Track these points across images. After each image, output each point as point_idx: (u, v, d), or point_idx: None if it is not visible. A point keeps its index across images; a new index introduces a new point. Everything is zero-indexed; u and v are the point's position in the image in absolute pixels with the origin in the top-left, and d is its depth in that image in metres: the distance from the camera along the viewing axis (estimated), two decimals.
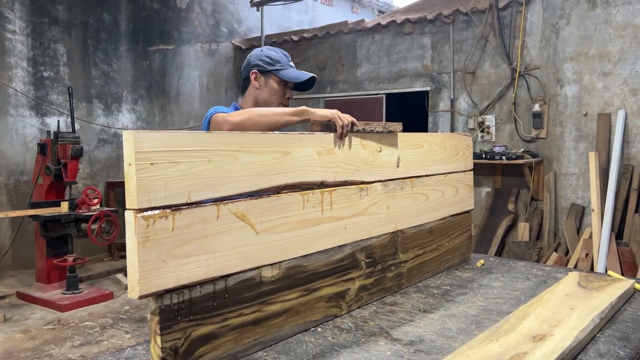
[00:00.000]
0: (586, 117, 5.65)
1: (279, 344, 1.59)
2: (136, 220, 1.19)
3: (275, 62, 2.23)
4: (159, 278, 1.24)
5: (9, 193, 6.17)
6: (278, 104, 2.25)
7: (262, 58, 2.24)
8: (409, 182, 2.17)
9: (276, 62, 2.23)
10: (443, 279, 2.34)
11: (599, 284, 2.06)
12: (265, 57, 2.24)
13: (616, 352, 1.53)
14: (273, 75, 2.23)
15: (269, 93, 2.24)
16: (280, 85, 2.24)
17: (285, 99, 2.28)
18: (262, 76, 2.24)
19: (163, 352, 1.27)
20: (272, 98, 2.24)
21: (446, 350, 1.53)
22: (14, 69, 6.15)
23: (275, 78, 2.23)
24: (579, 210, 5.67)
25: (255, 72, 2.24)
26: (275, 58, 2.24)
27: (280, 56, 2.26)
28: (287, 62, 2.27)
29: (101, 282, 6.02)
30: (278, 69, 2.23)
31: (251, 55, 2.29)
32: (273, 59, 2.24)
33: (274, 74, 2.23)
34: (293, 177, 1.62)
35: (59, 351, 4.07)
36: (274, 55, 2.25)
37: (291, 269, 1.62)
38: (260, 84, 2.25)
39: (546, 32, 5.88)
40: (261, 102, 2.24)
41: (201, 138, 1.35)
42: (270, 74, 2.23)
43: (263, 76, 2.24)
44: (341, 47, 7.53)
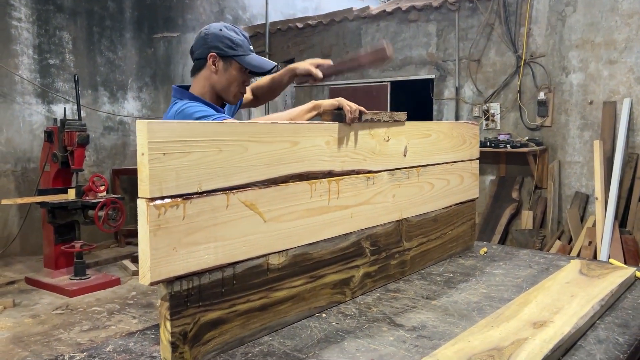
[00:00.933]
0: (591, 106, 5.63)
1: (284, 329, 1.63)
2: (148, 209, 1.22)
3: (237, 47, 1.97)
4: (169, 265, 1.28)
5: (17, 180, 6.22)
6: (237, 92, 2.04)
7: (223, 40, 1.97)
8: (415, 171, 2.19)
9: (238, 47, 1.98)
10: (446, 266, 2.37)
11: (600, 272, 2.09)
12: (227, 39, 1.97)
13: (615, 339, 1.56)
14: (234, 61, 1.98)
15: (228, 80, 2.00)
16: (241, 72, 2.01)
17: (243, 87, 2.06)
18: (222, 61, 1.98)
19: (172, 337, 1.31)
20: (231, 86, 2.01)
21: (448, 336, 1.56)
22: (20, 56, 6.17)
23: (237, 65, 1.98)
24: (583, 198, 5.68)
25: (213, 56, 1.97)
26: (237, 41, 1.98)
27: (242, 39, 2.01)
28: (248, 46, 2.02)
29: (108, 268, 6.09)
30: (240, 54, 1.98)
31: (208, 34, 1.99)
32: (235, 41, 1.97)
33: (235, 60, 1.98)
34: (301, 167, 1.64)
35: (68, 335, 4.14)
36: (235, 38, 1.98)
37: (297, 256, 1.66)
38: (218, 69, 1.99)
39: (552, 19, 5.85)
40: (218, 89, 2.02)
41: (212, 128, 1.38)
42: (231, 60, 1.97)
43: (222, 61, 1.98)
44: (346, 35, 7.51)
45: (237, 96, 2.07)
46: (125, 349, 1.51)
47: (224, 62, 1.98)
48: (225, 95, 2.05)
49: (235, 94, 2.05)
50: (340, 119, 1.81)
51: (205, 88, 2.03)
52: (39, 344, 3.99)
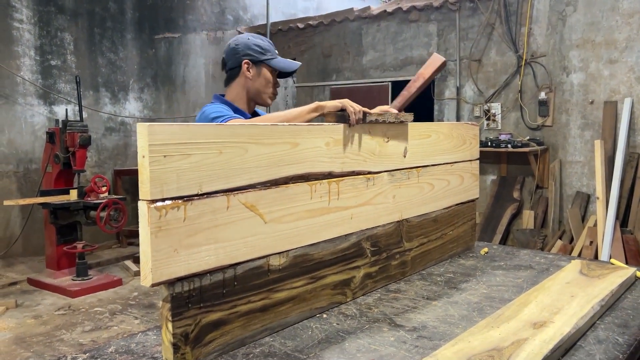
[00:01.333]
0: (592, 105, 5.63)
1: (285, 329, 1.63)
2: (149, 210, 1.23)
3: (266, 52, 2.16)
4: (170, 267, 1.28)
5: (19, 181, 6.24)
6: (270, 93, 2.21)
7: (252, 47, 2.15)
8: (415, 171, 2.20)
9: (266, 51, 2.17)
10: (447, 266, 2.38)
11: (601, 272, 2.09)
12: (255, 45, 2.16)
13: (615, 339, 1.56)
14: (265, 65, 2.16)
15: (262, 83, 2.18)
16: (272, 75, 2.19)
17: (275, 89, 2.24)
18: (254, 66, 2.16)
19: (174, 338, 1.32)
20: (265, 88, 2.19)
21: (448, 337, 1.57)
22: (22, 57, 6.18)
23: (268, 68, 2.17)
24: (584, 198, 5.68)
25: (247, 62, 2.15)
26: (265, 47, 2.17)
27: (268, 45, 2.19)
28: (274, 50, 2.21)
29: (110, 269, 6.10)
30: (269, 58, 2.17)
31: (238, 43, 2.18)
32: (263, 47, 2.16)
33: (266, 64, 2.16)
34: (301, 168, 1.65)
35: (70, 336, 4.15)
36: (262, 44, 2.17)
37: (298, 257, 1.66)
38: (252, 75, 2.17)
39: (553, 19, 5.85)
40: (253, 92, 2.19)
41: (213, 130, 1.38)
42: (262, 64, 2.16)
43: (255, 66, 2.16)
44: (347, 35, 7.52)
45: (271, 97, 2.24)
46: (127, 349, 1.52)
47: (256, 67, 2.17)
48: (261, 98, 2.22)
49: (270, 95, 2.22)
50: (344, 120, 1.82)
51: (239, 94, 2.20)
52: (42, 344, 4.00)
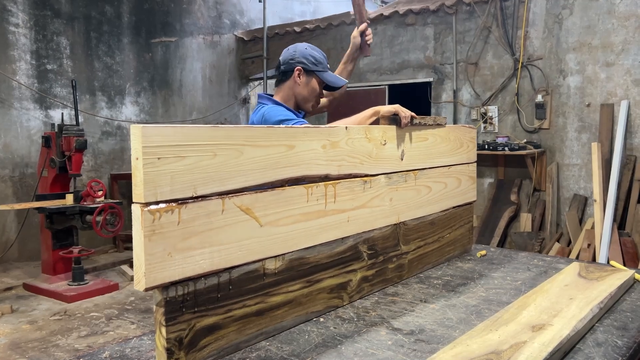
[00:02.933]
0: (589, 108, 5.64)
1: (281, 333, 1.62)
2: (143, 213, 1.21)
3: (318, 63, 2.32)
4: (164, 270, 1.27)
5: (14, 186, 6.21)
6: (314, 102, 2.37)
7: (308, 57, 2.31)
8: (412, 174, 2.19)
9: (319, 64, 2.32)
10: (444, 269, 2.36)
11: (599, 275, 2.08)
12: (311, 56, 2.32)
13: (614, 342, 1.55)
14: (316, 75, 2.32)
15: (309, 92, 2.33)
16: (320, 85, 2.34)
17: (319, 98, 2.39)
18: (305, 75, 2.31)
19: (168, 343, 1.30)
20: (310, 96, 2.34)
21: (446, 340, 1.55)
22: (18, 62, 6.17)
23: (318, 79, 2.33)
24: (582, 201, 5.68)
25: (299, 69, 2.30)
26: (318, 59, 2.33)
27: (322, 58, 2.35)
28: (326, 64, 2.37)
29: (106, 274, 6.07)
30: (321, 70, 2.32)
31: (296, 51, 2.34)
32: (317, 59, 2.32)
33: (316, 75, 2.32)
34: (297, 171, 1.64)
35: (66, 341, 4.12)
36: (317, 56, 2.33)
37: (294, 260, 1.65)
38: (302, 82, 2.32)
39: (549, 22, 5.86)
40: (299, 99, 2.34)
41: (207, 132, 1.37)
42: (313, 74, 2.31)
43: (306, 75, 2.31)
44: (343, 38, 7.51)
45: (314, 106, 2.40)
46: (121, 354, 1.51)
47: (307, 75, 2.32)
48: (304, 104, 2.37)
49: (313, 104, 2.39)
50: (396, 122, 2.07)
51: (289, 96, 2.35)
52: (37, 350, 3.97)
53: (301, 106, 2.40)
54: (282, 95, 2.36)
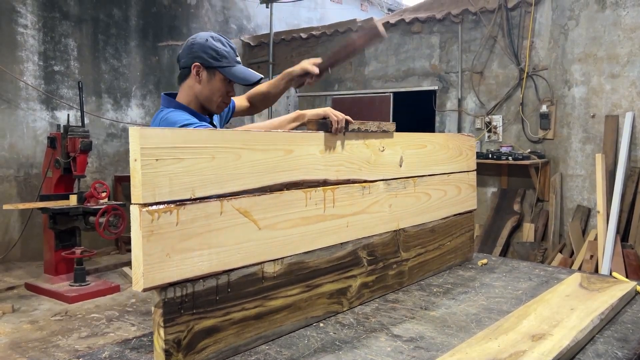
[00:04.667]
0: (594, 119, 5.63)
1: (281, 338, 1.61)
2: (141, 214, 1.21)
3: (221, 58, 1.98)
4: (163, 271, 1.27)
5: (19, 186, 6.24)
6: (220, 102, 2.04)
7: (207, 51, 1.97)
8: (411, 181, 2.19)
9: (222, 58, 1.98)
10: (445, 277, 2.36)
11: (601, 286, 2.07)
12: (212, 49, 1.97)
13: (614, 353, 1.54)
14: (218, 72, 1.98)
15: (211, 91, 2.00)
16: (224, 83, 2.01)
17: (227, 97, 2.07)
18: (205, 71, 1.98)
19: (166, 344, 1.30)
20: (214, 96, 2.01)
21: (446, 348, 1.55)
22: (25, 62, 6.21)
23: (220, 75, 1.99)
24: (585, 212, 5.66)
25: (197, 66, 1.98)
26: (222, 52, 1.98)
27: (228, 50, 2.00)
28: (234, 57, 2.02)
29: (108, 275, 6.08)
30: (224, 65, 1.98)
31: (194, 43, 2.00)
32: (220, 53, 1.98)
33: (219, 71, 1.98)
34: (296, 175, 1.64)
35: (66, 342, 4.12)
36: (220, 49, 1.98)
37: (293, 265, 1.65)
38: (202, 79, 1.99)
39: (555, 33, 5.86)
40: (201, 99, 2.02)
41: (205, 135, 1.37)
42: (215, 70, 1.98)
43: (206, 71, 1.98)
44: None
45: (220, 106, 2.07)
46: (121, 355, 1.51)
47: (208, 72, 1.99)
48: (209, 105, 2.04)
49: (219, 105, 2.05)
50: (326, 128, 1.79)
51: (190, 97, 2.03)
52: (37, 350, 3.97)
53: (207, 107, 2.06)
54: (184, 96, 2.04)
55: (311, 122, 1.81)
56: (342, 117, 1.81)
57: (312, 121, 1.81)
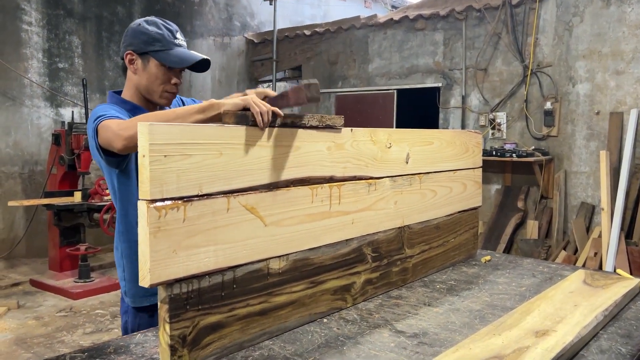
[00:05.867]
0: (598, 116, 5.62)
1: (285, 333, 1.62)
2: (148, 210, 1.22)
3: (154, 41, 1.80)
4: (169, 267, 1.27)
5: (24, 182, 6.26)
6: (162, 91, 1.86)
7: (139, 36, 1.80)
8: (417, 178, 2.19)
9: (155, 41, 1.80)
10: (449, 274, 2.36)
11: (605, 282, 2.07)
12: (142, 34, 1.80)
13: (618, 349, 1.54)
14: (152, 57, 1.81)
15: (149, 80, 1.83)
16: (162, 70, 1.82)
17: (170, 85, 1.87)
18: (139, 58, 1.82)
19: (171, 340, 1.30)
20: (153, 85, 1.84)
21: (449, 343, 1.55)
22: (30, 60, 6.23)
23: (154, 61, 1.81)
24: (589, 209, 5.65)
25: (129, 53, 1.82)
26: (154, 35, 1.80)
27: (163, 32, 1.82)
28: (170, 39, 1.83)
29: (112, 272, 6.10)
30: (158, 49, 1.80)
31: (128, 30, 1.85)
32: (152, 36, 1.80)
33: (152, 57, 1.81)
34: (302, 172, 1.64)
35: (71, 338, 4.15)
36: (152, 32, 1.80)
37: (298, 261, 1.65)
38: (137, 68, 1.83)
39: (559, 29, 5.84)
40: (142, 89, 1.86)
41: (213, 131, 1.38)
42: (148, 56, 1.81)
43: (140, 58, 1.82)
44: (353, 42, 7.53)
45: (163, 97, 1.88)
46: (126, 350, 1.51)
47: (142, 59, 1.83)
48: (151, 97, 1.88)
49: (161, 94, 1.87)
50: (246, 121, 1.47)
51: (132, 90, 1.89)
52: (42, 345, 4.00)
53: (151, 99, 1.89)
54: (127, 89, 1.89)
55: (228, 114, 1.50)
56: (266, 109, 1.49)
57: (229, 113, 1.50)
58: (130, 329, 1.94)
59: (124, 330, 2.01)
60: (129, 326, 1.97)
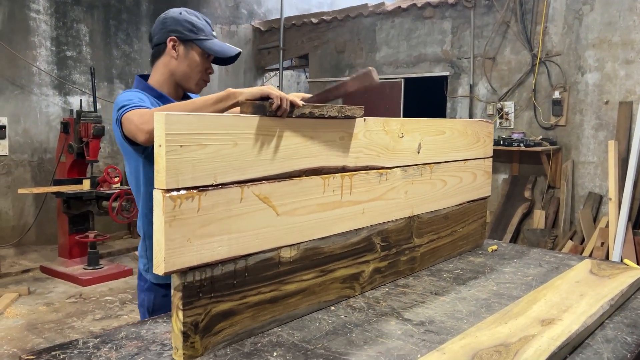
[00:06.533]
0: (607, 106, 5.59)
1: (293, 321, 1.65)
2: (164, 199, 1.24)
3: (198, 31, 1.90)
4: (183, 256, 1.30)
5: (33, 170, 6.32)
6: (199, 79, 1.96)
7: (183, 24, 1.89)
8: (428, 167, 2.20)
9: (199, 31, 1.90)
10: (456, 263, 2.38)
11: (611, 272, 2.09)
12: (187, 22, 1.89)
13: (624, 338, 1.56)
14: (195, 45, 1.90)
15: (189, 66, 1.91)
16: (203, 58, 1.92)
17: (206, 74, 1.97)
18: (182, 45, 1.89)
19: (184, 327, 1.33)
20: (192, 72, 1.92)
21: (455, 332, 1.57)
22: (38, 48, 6.25)
23: (198, 49, 1.90)
24: (596, 199, 5.64)
25: (173, 39, 1.89)
26: (198, 25, 1.90)
27: (204, 24, 1.93)
28: (210, 31, 1.95)
29: (121, 259, 6.17)
30: (202, 38, 1.90)
31: (167, 17, 1.92)
32: (196, 26, 1.90)
33: (196, 44, 1.90)
34: (315, 162, 1.65)
35: (81, 324, 4.21)
36: (196, 22, 1.91)
37: (309, 250, 1.67)
38: (179, 54, 1.90)
39: (569, 18, 5.80)
40: (178, 75, 1.93)
41: (229, 121, 1.39)
42: (192, 44, 1.89)
43: (183, 45, 1.89)
44: (360, 31, 7.50)
45: (199, 84, 1.98)
46: (137, 335, 1.54)
47: (185, 46, 1.90)
48: (187, 83, 1.95)
49: (198, 82, 1.96)
50: (264, 111, 1.48)
51: (165, 75, 1.94)
52: (53, 331, 4.06)
53: (185, 86, 1.96)
54: (157, 76, 1.95)
55: (246, 104, 1.51)
56: (285, 97, 1.51)
57: (248, 103, 1.51)
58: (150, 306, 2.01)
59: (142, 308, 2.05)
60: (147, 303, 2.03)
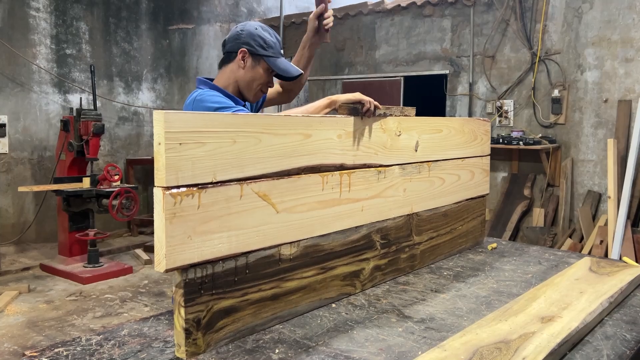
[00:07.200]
0: (606, 104, 5.59)
1: (295, 318, 1.66)
2: (164, 197, 1.25)
3: (268, 47, 2.05)
4: (184, 253, 1.30)
5: (33, 168, 6.32)
6: (258, 90, 2.10)
7: (256, 39, 2.04)
8: (426, 165, 2.21)
9: (269, 48, 2.05)
10: (456, 260, 2.39)
11: (610, 270, 2.10)
12: (260, 38, 2.04)
13: (623, 335, 1.57)
14: (263, 61, 2.04)
15: (253, 77, 2.06)
16: (267, 73, 2.07)
17: (265, 87, 2.13)
18: (251, 58, 2.04)
19: (186, 323, 1.34)
20: (254, 83, 2.07)
21: (456, 329, 1.58)
22: (38, 46, 6.24)
23: (264, 65, 2.05)
24: (596, 197, 5.65)
25: (244, 51, 2.03)
26: (269, 42, 2.05)
27: (274, 42, 2.08)
28: (279, 49, 2.09)
29: (121, 257, 6.17)
30: (270, 55, 2.05)
31: (243, 30, 2.07)
32: (267, 43, 2.05)
33: (264, 60, 2.04)
34: (314, 159, 1.67)
35: (81, 321, 4.22)
36: (268, 39, 2.05)
37: (309, 247, 1.68)
38: (246, 65, 2.05)
39: (568, 16, 5.80)
40: (241, 83, 2.08)
41: (227, 119, 1.40)
42: (260, 59, 2.04)
43: (252, 58, 2.04)
44: (360, 29, 7.50)
45: (257, 95, 2.12)
46: (139, 333, 1.55)
47: (253, 59, 2.05)
48: (247, 92, 2.10)
49: (256, 93, 2.11)
50: (357, 112, 1.85)
51: (230, 80, 2.08)
52: (53, 329, 4.07)
53: (243, 93, 2.11)
54: (223, 80, 2.09)
55: (343, 107, 1.86)
56: (374, 102, 1.89)
57: (344, 106, 1.86)
58: None
59: None
60: None
